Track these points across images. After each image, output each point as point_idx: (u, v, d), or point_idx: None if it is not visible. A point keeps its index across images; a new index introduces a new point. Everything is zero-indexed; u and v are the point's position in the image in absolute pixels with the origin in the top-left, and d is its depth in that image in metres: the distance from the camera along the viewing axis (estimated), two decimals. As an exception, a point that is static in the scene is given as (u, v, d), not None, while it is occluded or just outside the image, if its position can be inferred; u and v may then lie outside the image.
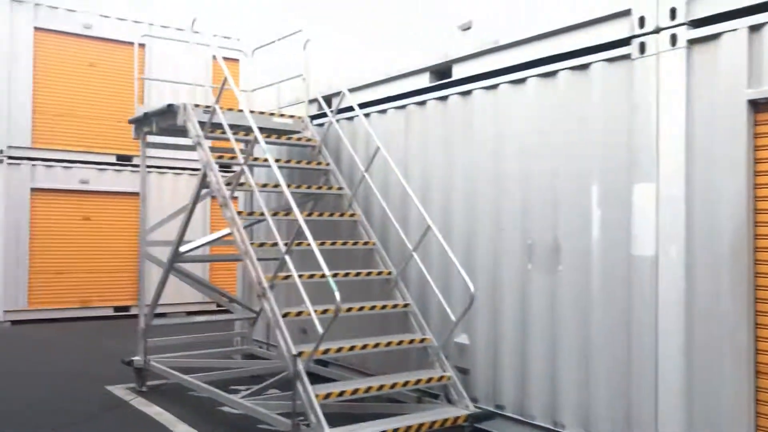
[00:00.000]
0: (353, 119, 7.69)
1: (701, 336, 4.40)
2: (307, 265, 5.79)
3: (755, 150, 4.22)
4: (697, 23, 4.47)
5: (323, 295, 5.53)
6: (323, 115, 8.13)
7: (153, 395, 7.50)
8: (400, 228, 6.20)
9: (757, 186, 4.21)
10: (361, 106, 7.30)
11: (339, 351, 5.44)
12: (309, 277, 5.92)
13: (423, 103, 6.74)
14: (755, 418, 4.20)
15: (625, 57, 4.90)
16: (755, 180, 4.22)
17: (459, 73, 6.32)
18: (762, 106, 4.19)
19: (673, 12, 4.59)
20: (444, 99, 6.49)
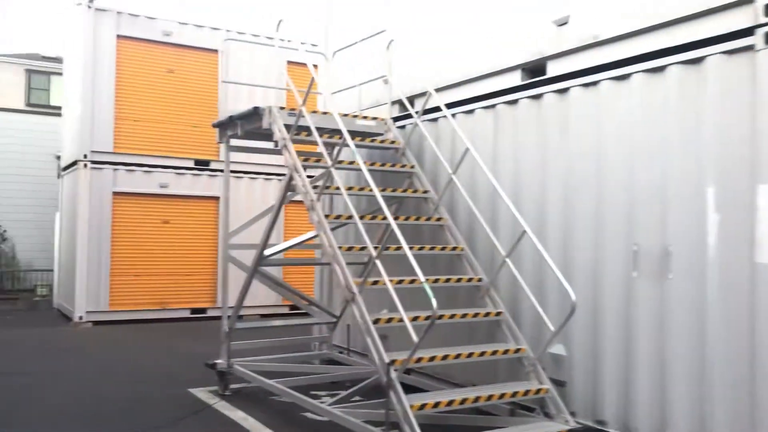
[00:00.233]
0: (437, 120, 7.48)
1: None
2: (390, 271, 5.62)
3: None
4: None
5: (406, 302, 5.33)
6: (405, 117, 7.94)
7: (235, 399, 7.46)
8: (491, 233, 5.95)
9: None
10: (447, 106, 7.08)
11: (432, 360, 5.22)
12: (398, 282, 5.74)
13: (514, 103, 6.47)
14: None
15: (748, 48, 4.53)
16: None
17: (554, 71, 6.03)
18: None
19: (805, -2, 4.22)
20: (537, 98, 6.22)
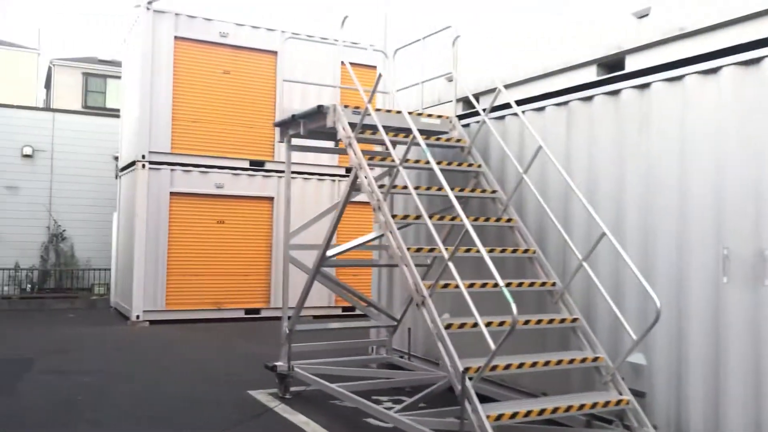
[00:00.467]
0: (504, 118, 7.24)
1: None
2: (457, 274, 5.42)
3: None
4: None
5: (465, 307, 5.10)
6: (469, 115, 7.72)
7: (296, 402, 7.34)
8: (566, 235, 5.68)
9: None
10: (516, 104, 6.81)
11: (507, 368, 4.99)
12: (469, 286, 5.52)
13: (589, 99, 6.19)
14: None
15: None
16: None
17: (634, 65, 5.74)
18: None
19: None
20: (615, 94, 5.92)
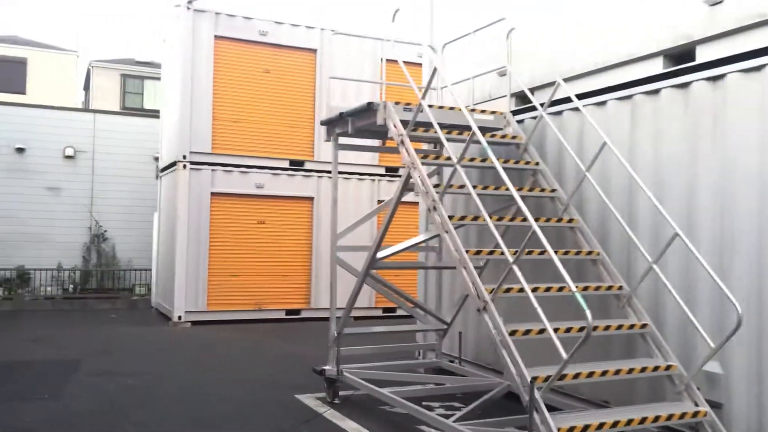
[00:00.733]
0: (561, 114, 6.94)
1: None
2: (511, 278, 5.18)
3: None
4: None
5: (528, 312, 4.83)
6: (523, 111, 7.44)
7: (345, 407, 7.14)
8: (634, 236, 5.37)
9: None
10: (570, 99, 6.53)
11: (576, 377, 4.72)
12: (533, 290, 5.24)
13: (655, 93, 5.86)
14: None
15: None
16: None
17: (706, 56, 5.40)
18: None
19: None
20: (684, 86, 5.60)
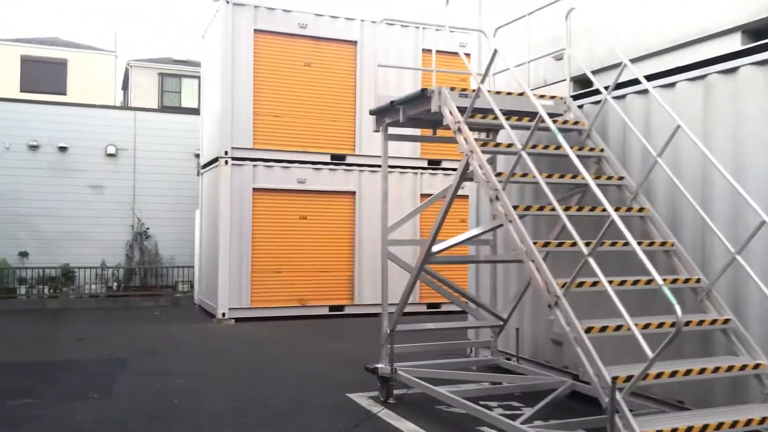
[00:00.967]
0: (624, 98, 6.57)
1: None
2: (568, 271, 4.88)
3: None
4: None
5: (598, 308, 4.52)
6: (582, 95, 7.08)
7: (399, 407, 6.89)
8: (713, 226, 5.00)
9: None
10: (637, 81, 6.15)
11: (659, 377, 4.38)
12: (595, 284, 4.91)
13: (732, 72, 5.47)
14: None
15: None
16: None
17: (791, 29, 5.01)
18: None
19: None
20: (766, 63, 5.20)
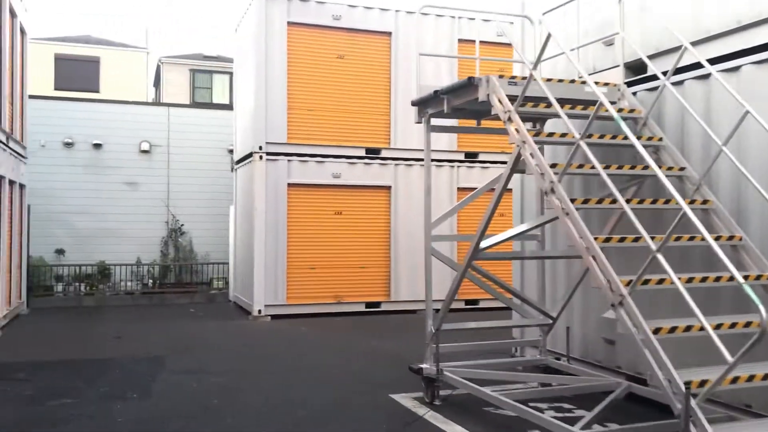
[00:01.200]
0: (682, 83, 6.21)
1: None
2: (620, 266, 4.58)
3: None
4: None
5: (661, 308, 4.21)
6: (635, 83, 6.74)
7: (446, 409, 6.63)
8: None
9: None
10: (697, 65, 5.80)
11: (734, 381, 4.07)
12: (661, 281, 4.61)
13: (806, 53, 5.11)
14: None
15: None
16: None
17: None
18: None
19: None
20: None
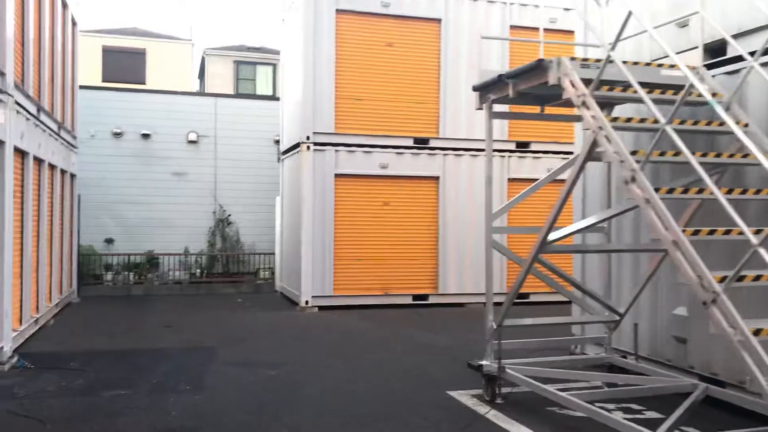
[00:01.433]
0: (765, 66, 5.79)
1: None
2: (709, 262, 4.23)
3: None
4: None
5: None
6: (713, 66, 6.34)
7: (508, 408, 6.35)
8: None
9: None
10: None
11: None
12: (758, 277, 4.26)
13: None
14: None
15: None
16: None
17: None
18: None
19: None
20: None
